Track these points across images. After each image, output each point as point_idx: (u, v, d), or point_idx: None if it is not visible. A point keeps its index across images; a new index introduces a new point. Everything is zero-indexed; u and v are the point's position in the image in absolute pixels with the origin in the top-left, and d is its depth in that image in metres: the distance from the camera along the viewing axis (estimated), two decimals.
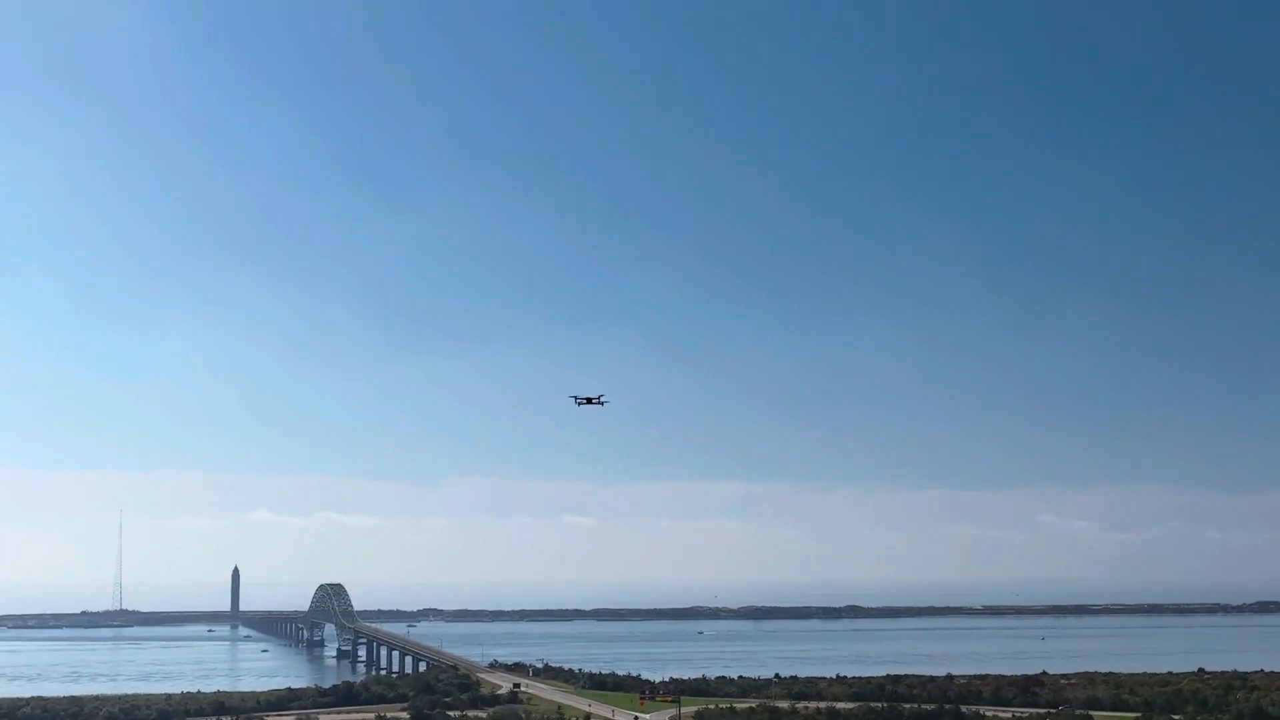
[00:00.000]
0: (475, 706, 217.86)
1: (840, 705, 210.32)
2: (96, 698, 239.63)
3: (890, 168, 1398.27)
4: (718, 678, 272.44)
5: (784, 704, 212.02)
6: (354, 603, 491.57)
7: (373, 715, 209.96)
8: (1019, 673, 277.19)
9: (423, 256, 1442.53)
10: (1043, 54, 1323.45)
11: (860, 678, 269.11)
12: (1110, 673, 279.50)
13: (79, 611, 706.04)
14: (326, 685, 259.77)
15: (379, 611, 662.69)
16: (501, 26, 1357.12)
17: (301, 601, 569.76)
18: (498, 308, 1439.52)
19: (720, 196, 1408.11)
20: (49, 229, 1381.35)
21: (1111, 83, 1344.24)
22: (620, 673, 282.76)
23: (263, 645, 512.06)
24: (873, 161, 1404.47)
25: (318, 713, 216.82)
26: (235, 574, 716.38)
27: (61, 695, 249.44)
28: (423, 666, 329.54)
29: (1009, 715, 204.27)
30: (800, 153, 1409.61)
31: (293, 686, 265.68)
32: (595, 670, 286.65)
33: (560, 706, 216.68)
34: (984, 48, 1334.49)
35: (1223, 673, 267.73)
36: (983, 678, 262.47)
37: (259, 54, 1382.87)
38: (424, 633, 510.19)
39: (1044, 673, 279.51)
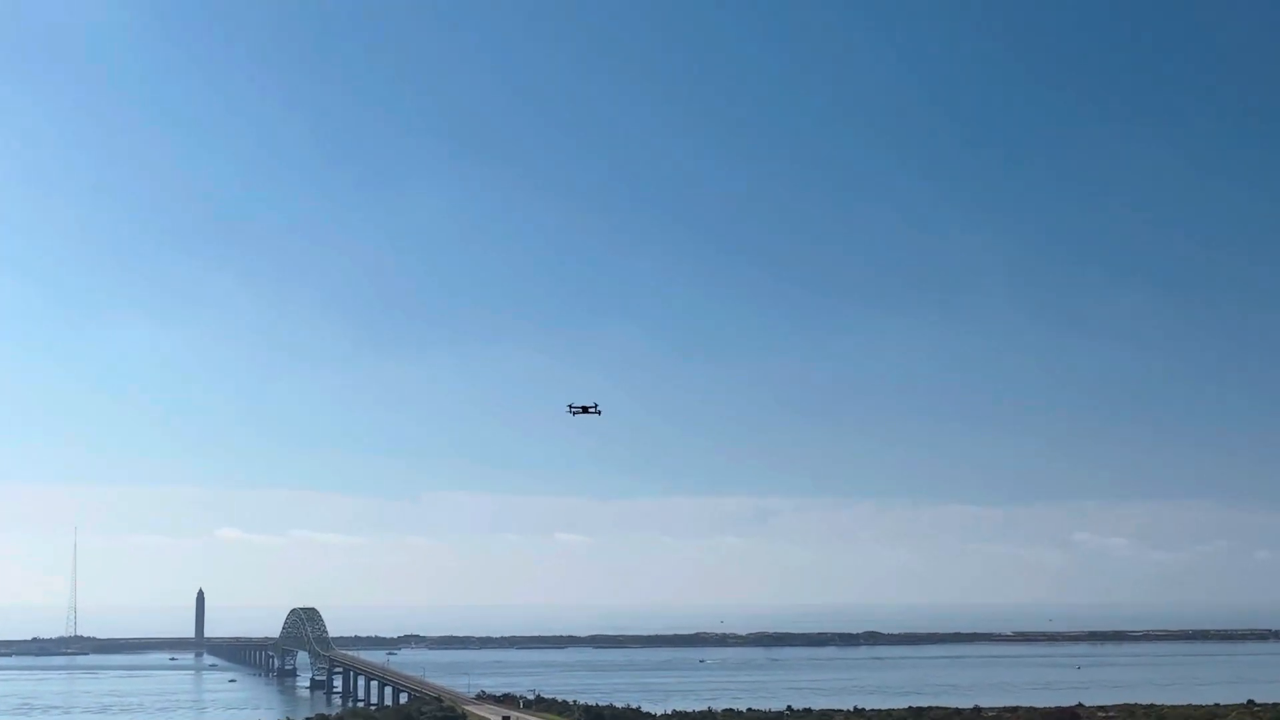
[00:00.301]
0: None
1: None
2: None
3: (914, 155, 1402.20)
4: (724, 710, 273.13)
5: None
6: (329, 628, 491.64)
7: None
8: (1052, 705, 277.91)
9: (406, 249, 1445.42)
10: (1080, 36, 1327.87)
11: (880, 710, 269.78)
12: (1151, 705, 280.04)
13: (30, 638, 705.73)
14: (299, 718, 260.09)
15: (356, 638, 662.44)
16: None
17: (272, 627, 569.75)
18: (487, 305, 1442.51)
19: (731, 187, 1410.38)
20: None
21: (1156, 64, 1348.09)
22: (618, 704, 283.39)
23: (230, 675, 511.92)
24: (895, 149, 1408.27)
25: None
26: (200, 597, 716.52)
27: None
28: (404, 698, 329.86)
29: None
30: (817, 140, 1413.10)
31: None
32: (591, 702, 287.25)
33: None
34: (1014, 32, 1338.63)
35: (1275, 705, 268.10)
36: (1013, 710, 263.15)
37: (228, 30, 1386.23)
38: (405, 661, 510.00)
39: (1079, 705, 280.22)
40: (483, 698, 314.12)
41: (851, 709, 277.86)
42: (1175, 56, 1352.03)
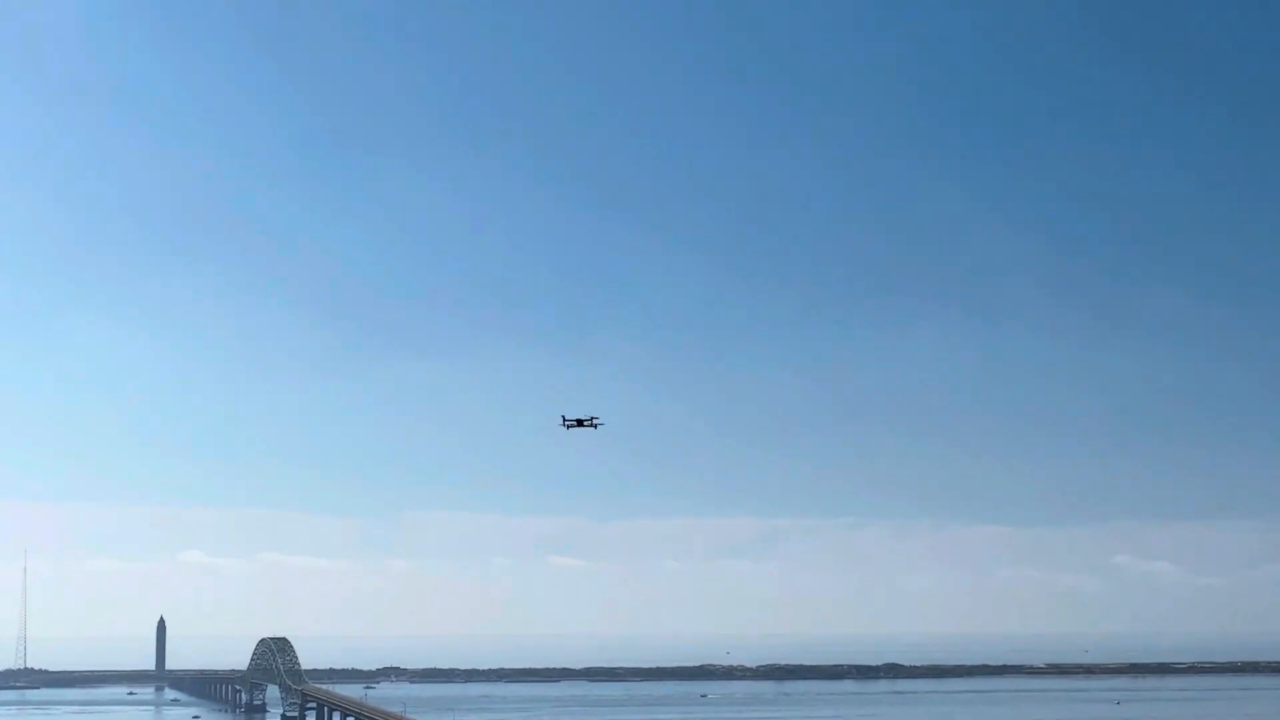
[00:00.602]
0: None
1: None
2: None
3: (939, 146, 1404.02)
4: None
5: None
6: (301, 660, 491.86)
7: None
8: None
9: (388, 248, 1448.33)
10: (1118, 21, 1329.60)
11: None
12: None
13: None
14: None
15: (331, 670, 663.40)
16: None
17: (239, 659, 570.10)
18: (475, 308, 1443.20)
19: (738, 184, 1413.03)
20: None
21: (1207, 51, 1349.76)
22: None
23: (193, 711, 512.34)
24: (919, 139, 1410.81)
25: None
26: (161, 625, 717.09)
27: None
28: None
29: None
30: (836, 129, 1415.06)
31: None
32: None
33: None
34: (1048, 17, 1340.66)
35: None
36: None
37: (193, 17, 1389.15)
38: (385, 696, 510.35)
39: None
40: None
41: None
42: (1229, 43, 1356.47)
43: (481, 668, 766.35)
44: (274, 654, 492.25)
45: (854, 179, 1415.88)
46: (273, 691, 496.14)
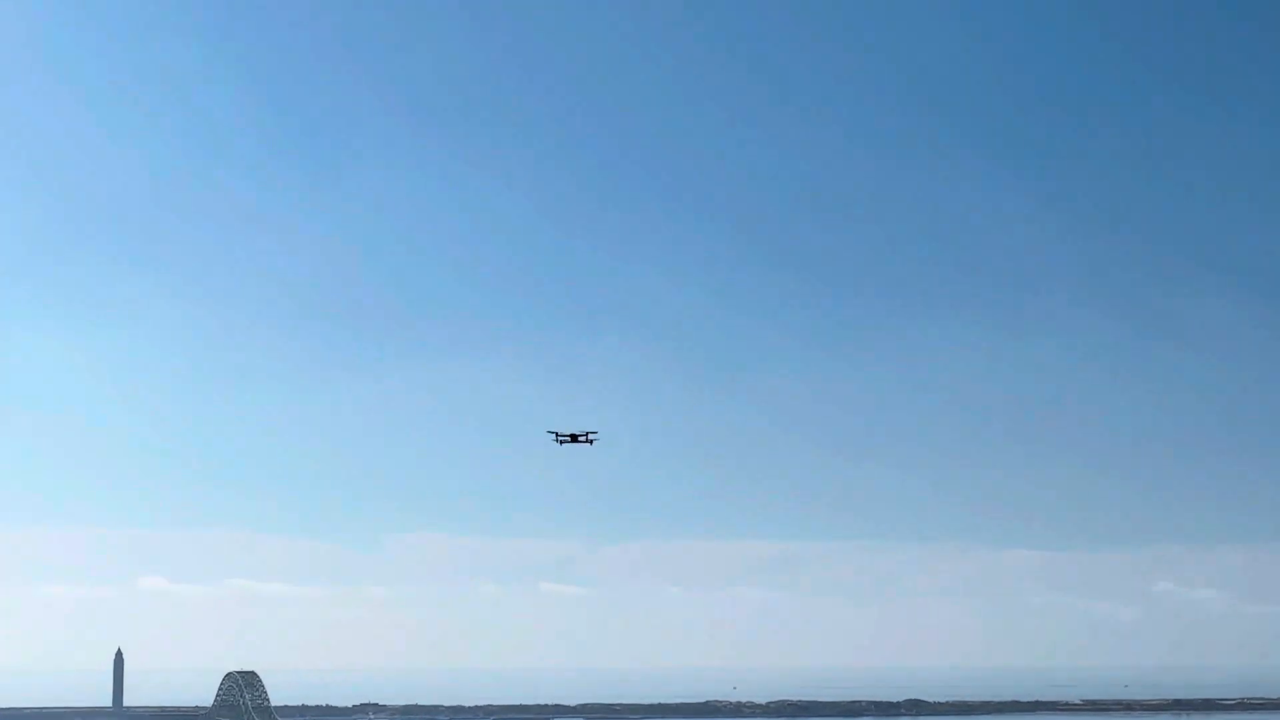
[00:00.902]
0: None
1: None
2: None
3: (969, 133, 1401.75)
4: None
5: None
6: (271, 696, 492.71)
7: None
8: None
9: (363, 248, 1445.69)
10: (1161, 25, 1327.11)
11: None
12: None
13: None
14: None
15: (304, 707, 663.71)
16: None
17: (204, 694, 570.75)
18: (460, 314, 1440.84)
19: (750, 172, 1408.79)
20: None
21: (1246, 55, 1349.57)
22: None
23: None
24: (945, 125, 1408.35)
25: None
26: (119, 658, 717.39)
27: None
28: None
29: None
30: (853, 116, 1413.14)
31: None
32: None
33: None
34: (1084, 10, 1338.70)
35: None
36: None
37: None
38: None
39: None
40: None
41: None
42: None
43: (467, 704, 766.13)
44: (241, 689, 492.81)
45: (872, 176, 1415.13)
46: None
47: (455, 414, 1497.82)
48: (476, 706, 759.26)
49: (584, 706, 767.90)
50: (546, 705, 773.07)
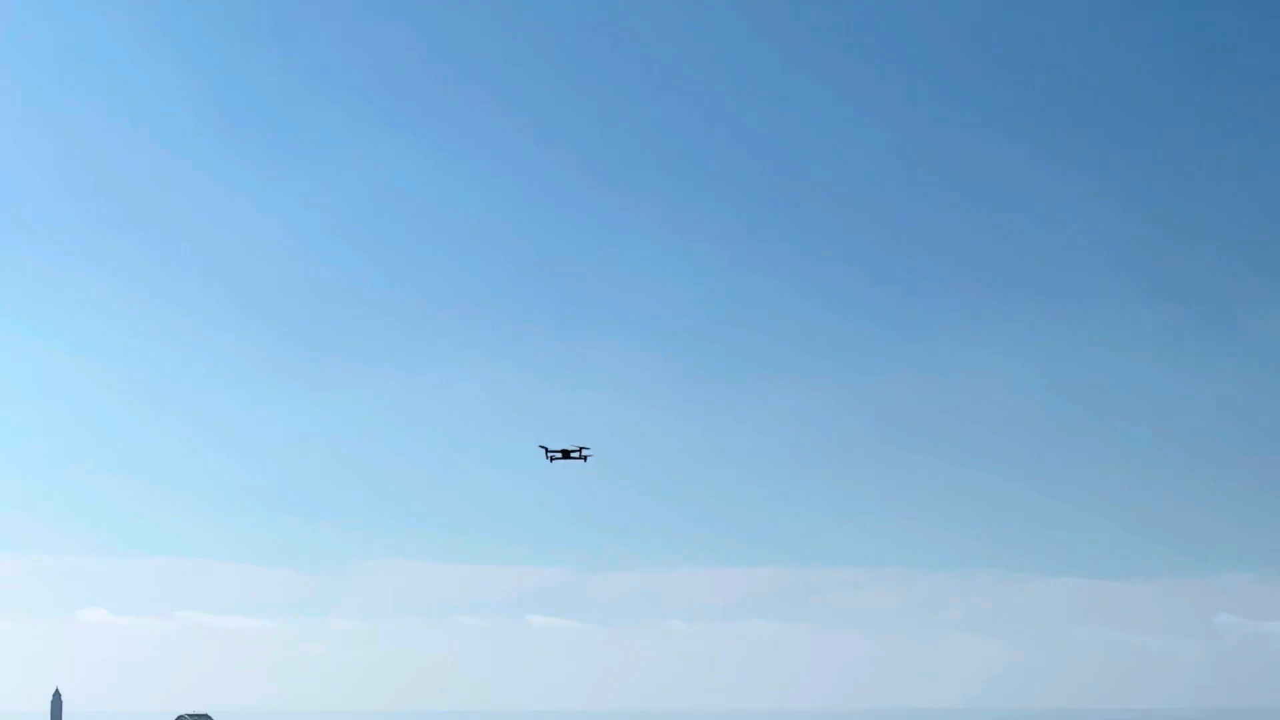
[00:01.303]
0: None
1: None
2: None
3: (1011, 117, 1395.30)
4: None
5: None
6: None
7: None
8: None
9: (331, 239, 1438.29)
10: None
11: None
12: None
13: None
14: None
15: None
16: None
17: None
18: (438, 316, 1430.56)
19: (766, 153, 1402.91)
20: None
21: None
22: None
23: None
24: (985, 108, 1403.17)
25: None
26: (56, 698, 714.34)
27: None
28: None
29: None
30: (884, 93, 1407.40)
31: None
32: None
33: None
34: None
35: None
36: None
37: None
38: None
39: None
40: None
41: None
42: None
43: None
44: None
45: (906, 155, 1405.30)
46: None
47: (432, 427, 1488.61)
48: None
49: None
50: None
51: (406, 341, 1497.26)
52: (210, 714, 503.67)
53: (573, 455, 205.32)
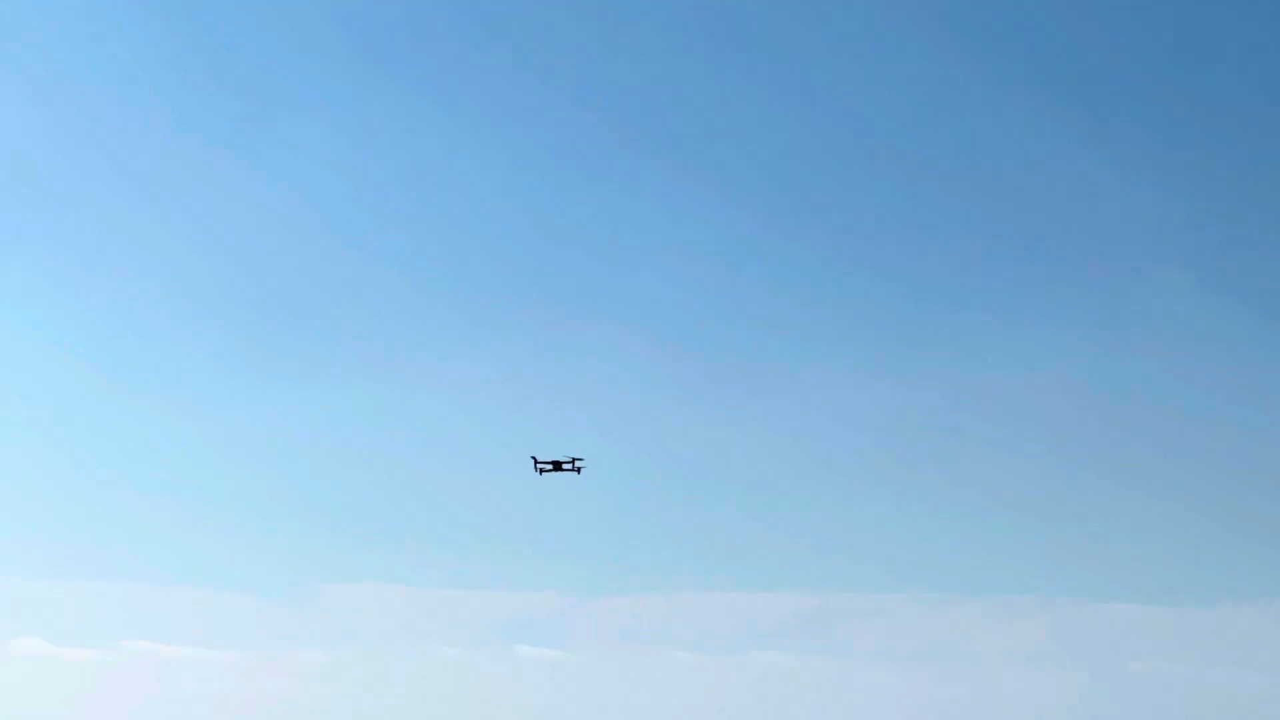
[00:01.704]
0: None
1: None
2: None
3: (1065, 101, 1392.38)
4: None
5: None
6: None
7: None
8: None
9: (296, 222, 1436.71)
10: None
11: None
12: None
13: None
14: None
15: None
16: None
17: None
18: (414, 310, 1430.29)
19: (782, 128, 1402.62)
20: None
21: None
22: None
23: None
24: (1027, 81, 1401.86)
25: None
26: None
27: None
28: None
29: None
30: (918, 63, 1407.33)
31: None
32: None
33: None
34: None
35: None
36: None
37: None
38: None
39: None
40: None
41: None
42: None
43: None
44: None
45: (935, 137, 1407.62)
46: None
47: (407, 433, 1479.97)
48: None
49: None
50: None
51: (375, 336, 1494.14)
52: None
53: (565, 466, 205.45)
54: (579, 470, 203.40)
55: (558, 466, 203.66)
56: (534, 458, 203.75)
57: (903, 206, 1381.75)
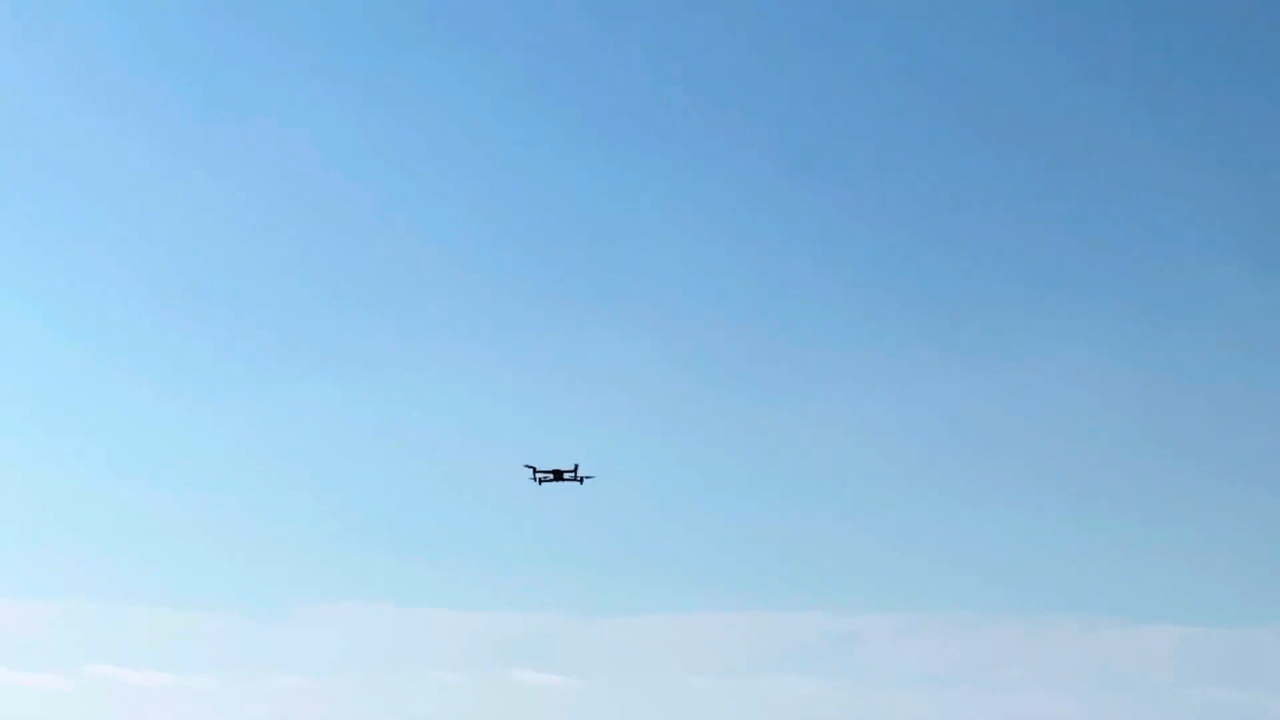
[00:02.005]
0: None
1: None
2: None
3: (1102, 76, 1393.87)
4: None
5: None
6: None
7: None
8: None
9: (274, 206, 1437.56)
10: None
11: None
12: None
13: None
14: None
15: None
16: None
17: None
18: (403, 307, 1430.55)
19: (808, 106, 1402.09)
20: None
21: None
22: None
23: None
24: (1071, 66, 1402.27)
25: None
26: None
27: None
28: None
29: None
30: (963, 44, 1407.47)
31: None
32: None
33: None
34: None
35: None
36: None
37: None
38: None
39: None
40: None
41: None
42: None
43: None
44: None
45: (978, 116, 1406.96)
46: None
47: (395, 441, 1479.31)
48: None
49: None
50: None
51: (362, 338, 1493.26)
52: None
53: (566, 476, 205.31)
54: (581, 481, 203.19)
55: (558, 476, 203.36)
56: (532, 467, 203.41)
57: (939, 209, 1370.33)
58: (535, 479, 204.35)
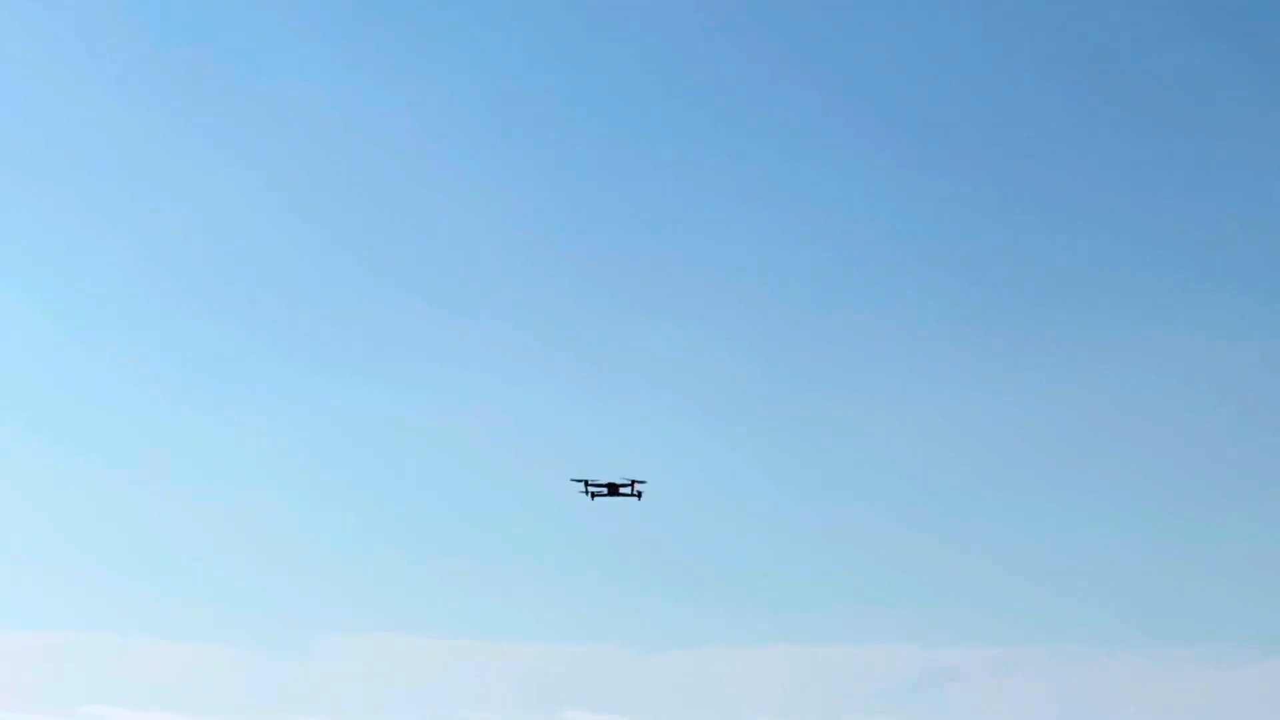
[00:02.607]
0: None
1: None
2: None
3: (1149, 65, 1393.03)
4: None
5: None
6: None
7: None
8: None
9: (286, 200, 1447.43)
10: None
11: None
12: None
13: None
14: None
15: None
16: None
17: None
18: (435, 301, 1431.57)
19: (856, 93, 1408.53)
20: None
21: None
22: None
23: None
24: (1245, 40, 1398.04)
25: None
26: None
27: None
28: None
29: None
30: (1017, 40, 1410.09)
31: None
32: None
33: None
34: None
35: None
36: None
37: None
38: None
39: None
40: None
41: None
42: None
43: None
44: None
45: (1038, 118, 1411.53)
46: None
47: (429, 453, 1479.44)
48: None
49: None
50: None
51: (387, 340, 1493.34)
52: None
53: (622, 491, 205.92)
54: (639, 496, 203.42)
55: (614, 490, 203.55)
56: (584, 481, 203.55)
57: (1027, 195, 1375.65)
58: (587, 493, 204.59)
